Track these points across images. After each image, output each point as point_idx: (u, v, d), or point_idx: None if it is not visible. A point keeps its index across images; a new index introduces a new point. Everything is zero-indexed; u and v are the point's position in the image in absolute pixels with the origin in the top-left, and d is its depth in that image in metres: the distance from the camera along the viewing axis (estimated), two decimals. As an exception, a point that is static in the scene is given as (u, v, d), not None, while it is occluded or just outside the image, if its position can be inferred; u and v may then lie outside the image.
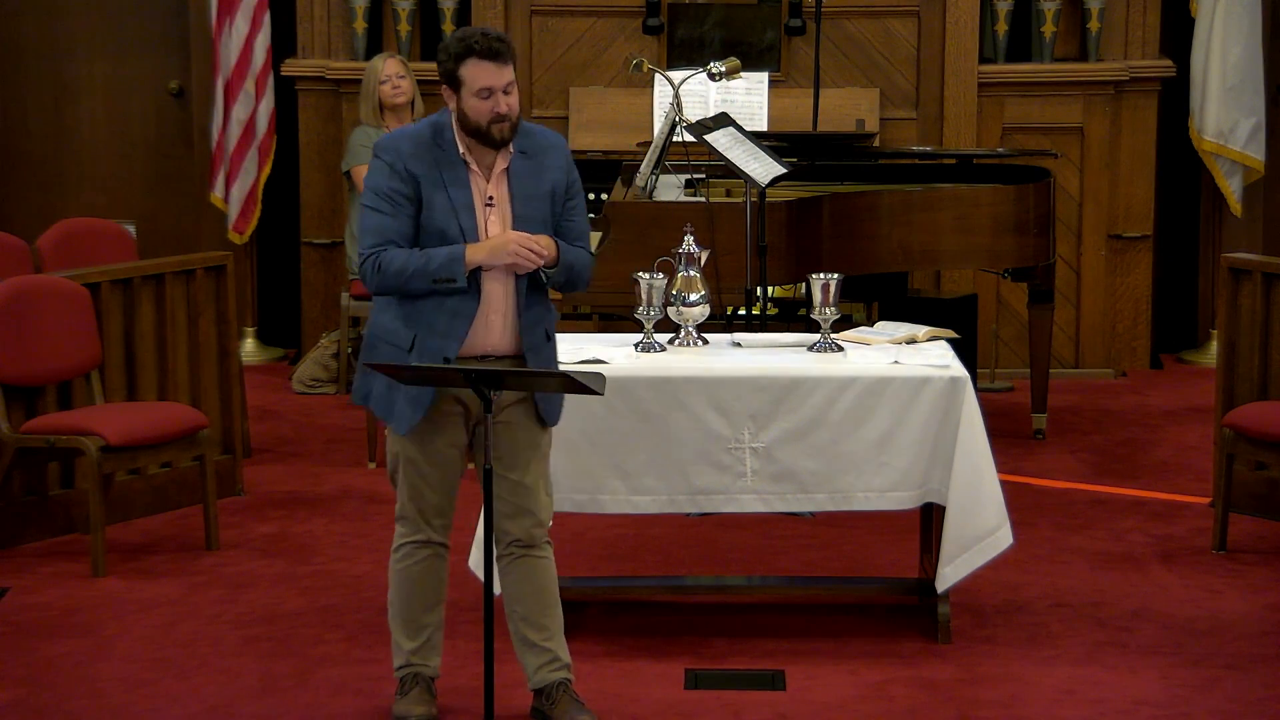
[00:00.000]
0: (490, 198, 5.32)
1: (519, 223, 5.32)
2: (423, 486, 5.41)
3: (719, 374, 6.02)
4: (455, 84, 5.25)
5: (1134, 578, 6.73)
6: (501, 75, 5.23)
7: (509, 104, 5.25)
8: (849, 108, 9.24)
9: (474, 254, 5.25)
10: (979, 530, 6.00)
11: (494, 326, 5.34)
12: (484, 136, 5.27)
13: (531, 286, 5.36)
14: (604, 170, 8.67)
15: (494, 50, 5.22)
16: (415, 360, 5.25)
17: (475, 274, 5.28)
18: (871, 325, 6.69)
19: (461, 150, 5.30)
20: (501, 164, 5.33)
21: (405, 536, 5.48)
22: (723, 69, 7.91)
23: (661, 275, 6.24)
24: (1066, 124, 9.47)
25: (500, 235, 5.28)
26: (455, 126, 5.31)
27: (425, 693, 5.51)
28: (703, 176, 8.09)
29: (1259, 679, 5.84)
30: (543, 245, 5.28)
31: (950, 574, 6.01)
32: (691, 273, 6.27)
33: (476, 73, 5.23)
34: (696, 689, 5.77)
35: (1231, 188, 9.57)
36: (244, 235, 9.69)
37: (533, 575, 5.45)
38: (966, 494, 5.97)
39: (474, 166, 5.31)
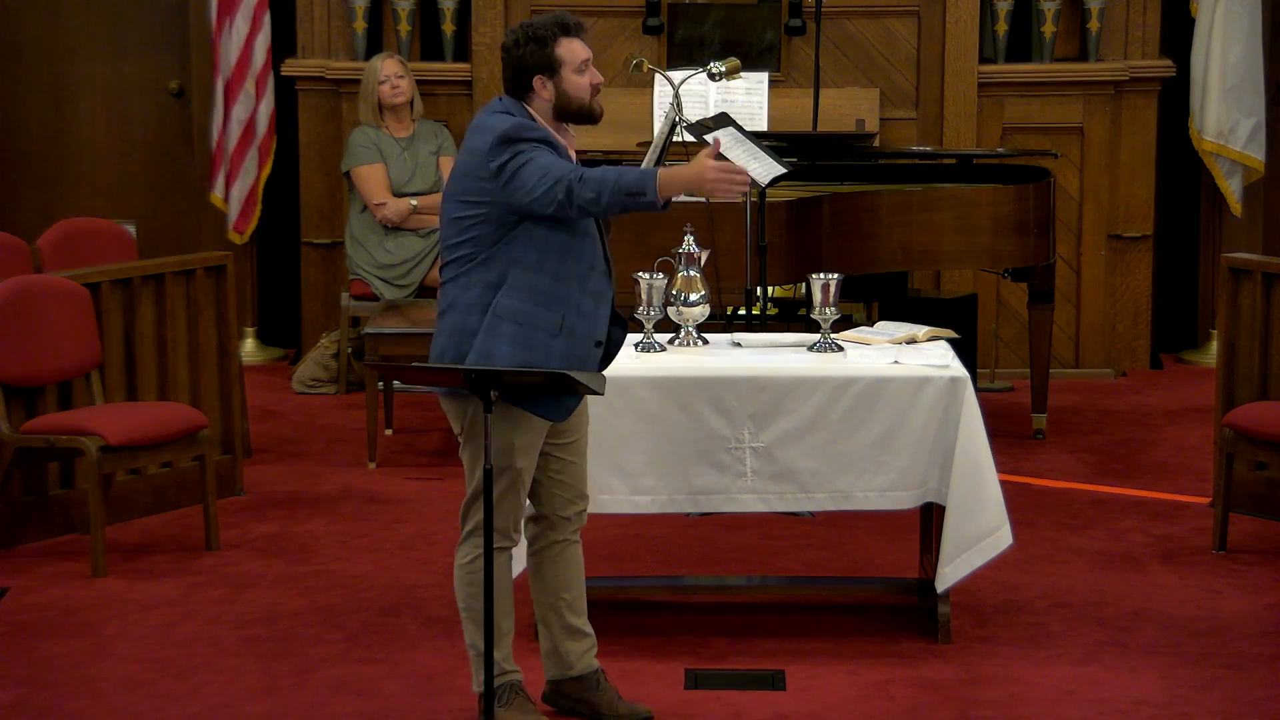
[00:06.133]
0: None
1: None
2: (523, 498, 5.35)
3: (719, 374, 6.02)
4: (552, 66, 5.20)
5: (1134, 578, 6.73)
6: (589, 48, 5.27)
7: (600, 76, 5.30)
8: (849, 108, 9.24)
9: (669, 180, 5.12)
10: (979, 530, 6.00)
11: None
12: (586, 114, 5.24)
13: None
14: (604, 170, 8.67)
15: (582, 25, 5.26)
16: (564, 344, 5.17)
17: (607, 257, 5.25)
18: (871, 325, 6.69)
19: (561, 141, 5.25)
20: (572, 151, 5.31)
21: (490, 545, 5.33)
22: (723, 69, 7.90)
23: (661, 275, 6.24)
24: (1066, 124, 9.47)
25: (695, 163, 5.16)
26: (547, 116, 5.24)
27: (527, 700, 5.43)
28: (703, 176, 8.08)
29: (1259, 679, 5.84)
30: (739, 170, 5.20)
31: (950, 574, 6.01)
32: (691, 273, 6.27)
33: (574, 48, 5.22)
34: (696, 689, 5.77)
35: (1231, 188, 9.57)
36: (244, 235, 9.69)
37: (579, 560, 5.51)
38: (966, 494, 5.98)
39: (570, 156, 5.28)
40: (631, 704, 5.51)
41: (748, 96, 8.98)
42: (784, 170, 7.41)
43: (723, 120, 7.58)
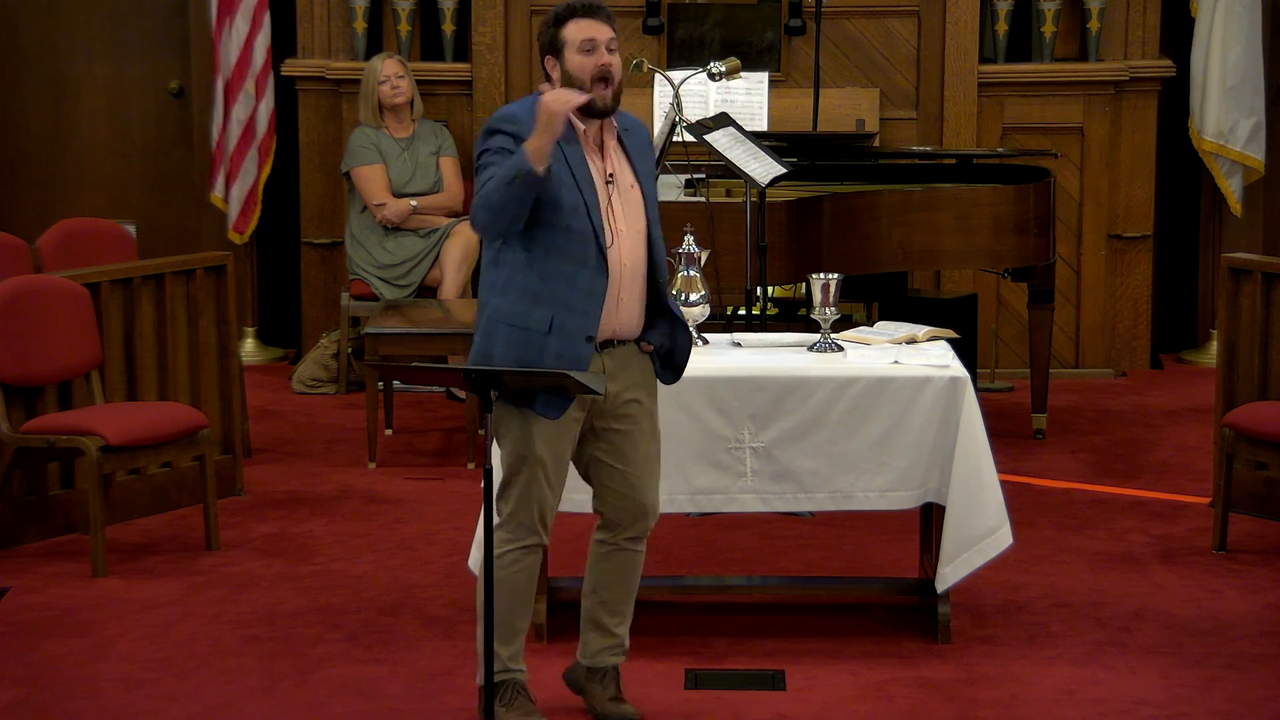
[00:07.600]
0: (611, 174, 5.23)
1: (650, 201, 5.30)
2: (546, 491, 5.30)
3: (719, 374, 6.02)
4: (558, 48, 5.17)
5: (1134, 578, 6.73)
6: (603, 30, 5.17)
7: (614, 62, 5.17)
8: (849, 108, 9.24)
9: (531, 144, 5.02)
10: (979, 530, 6.00)
11: (625, 304, 5.27)
12: (586, 101, 5.16)
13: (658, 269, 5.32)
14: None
15: (593, 8, 5.17)
16: (556, 342, 5.15)
17: (602, 252, 5.18)
18: (871, 325, 6.69)
19: (580, 127, 5.20)
20: (610, 140, 5.25)
21: (515, 543, 5.32)
22: (723, 69, 7.90)
23: (661, 275, 6.23)
24: (1066, 124, 9.47)
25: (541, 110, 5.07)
26: None
27: (528, 701, 5.42)
28: (703, 176, 8.09)
29: (1259, 679, 5.84)
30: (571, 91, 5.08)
31: (950, 574, 6.01)
32: (691, 273, 6.27)
33: (577, 28, 5.15)
34: (696, 689, 5.77)
35: (1231, 188, 9.57)
36: (244, 235, 9.69)
37: (630, 568, 5.49)
38: (966, 494, 5.98)
39: (589, 142, 5.23)
40: (623, 706, 5.51)
41: (748, 96, 8.98)
42: (784, 170, 7.42)
43: (723, 120, 7.59)
